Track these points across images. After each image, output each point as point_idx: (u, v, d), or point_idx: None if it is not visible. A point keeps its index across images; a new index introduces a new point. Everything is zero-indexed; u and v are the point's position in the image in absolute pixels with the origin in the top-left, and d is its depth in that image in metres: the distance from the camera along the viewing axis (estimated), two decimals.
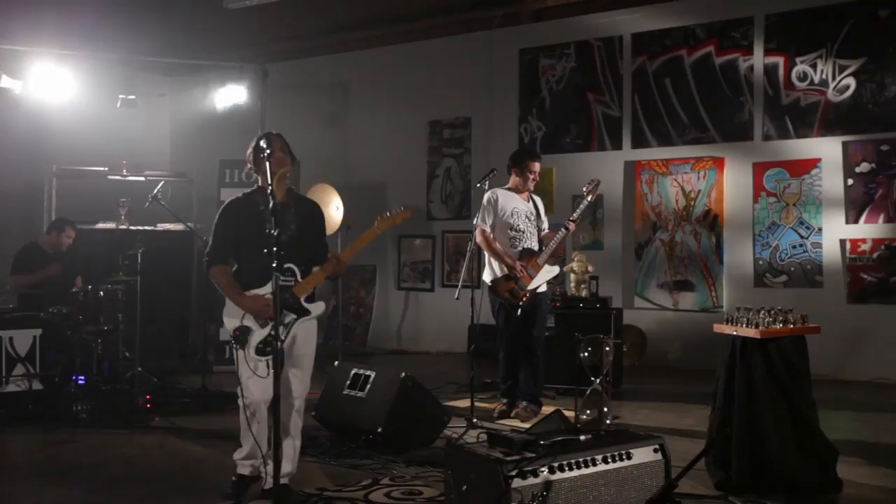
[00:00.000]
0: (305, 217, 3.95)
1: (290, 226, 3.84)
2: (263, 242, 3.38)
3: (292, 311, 3.77)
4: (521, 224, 5.86)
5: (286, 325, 3.74)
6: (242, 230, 3.82)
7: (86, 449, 4.84)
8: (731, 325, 4.01)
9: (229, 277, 3.81)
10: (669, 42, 8.40)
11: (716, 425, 4.03)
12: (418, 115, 9.84)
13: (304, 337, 3.87)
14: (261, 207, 3.74)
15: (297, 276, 3.80)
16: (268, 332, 3.66)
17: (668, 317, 8.37)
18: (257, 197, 3.84)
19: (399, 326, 10.10)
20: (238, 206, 3.91)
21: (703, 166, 8.23)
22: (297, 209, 3.94)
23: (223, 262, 3.85)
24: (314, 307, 3.88)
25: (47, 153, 8.29)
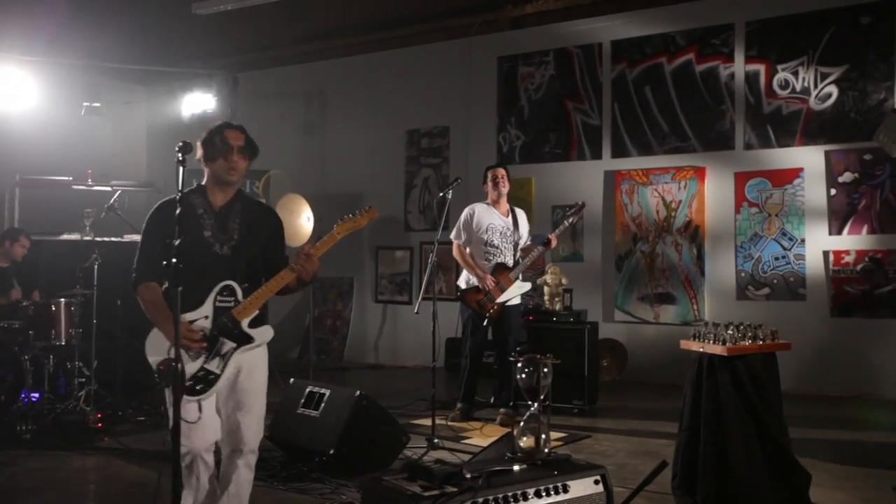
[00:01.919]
0: (252, 224, 3.27)
1: (233, 235, 3.20)
2: (201, 254, 3.01)
3: (231, 339, 3.12)
4: (497, 240, 6.05)
5: (223, 357, 3.10)
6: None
7: (22, 472, 4.59)
8: (698, 342, 3.80)
9: (157, 298, 3.14)
10: (649, 49, 8.23)
11: (682, 447, 3.81)
12: (396, 125, 9.64)
13: (249, 369, 3.18)
14: (199, 211, 3.17)
15: (237, 296, 3.15)
16: (200, 366, 3.07)
17: (649, 330, 8.15)
18: (197, 198, 3.20)
19: (377, 340, 9.87)
20: (169, 209, 3.14)
21: (683, 176, 8.03)
22: (244, 215, 3.26)
23: (153, 278, 3.18)
24: (259, 333, 3.16)
25: (9, 162, 8.05)
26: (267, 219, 3.37)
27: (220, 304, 3.10)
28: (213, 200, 3.20)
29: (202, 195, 3.21)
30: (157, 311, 3.09)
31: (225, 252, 3.15)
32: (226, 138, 3.15)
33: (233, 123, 3.27)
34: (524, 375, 2.72)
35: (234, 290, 3.13)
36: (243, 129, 3.26)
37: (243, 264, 3.18)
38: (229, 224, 3.18)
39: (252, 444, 3.18)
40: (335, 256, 9.74)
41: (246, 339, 3.13)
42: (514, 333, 5.96)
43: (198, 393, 3.03)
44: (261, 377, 3.24)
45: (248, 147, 3.22)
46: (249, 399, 3.17)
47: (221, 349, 3.09)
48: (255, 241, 3.23)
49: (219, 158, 3.13)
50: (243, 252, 3.19)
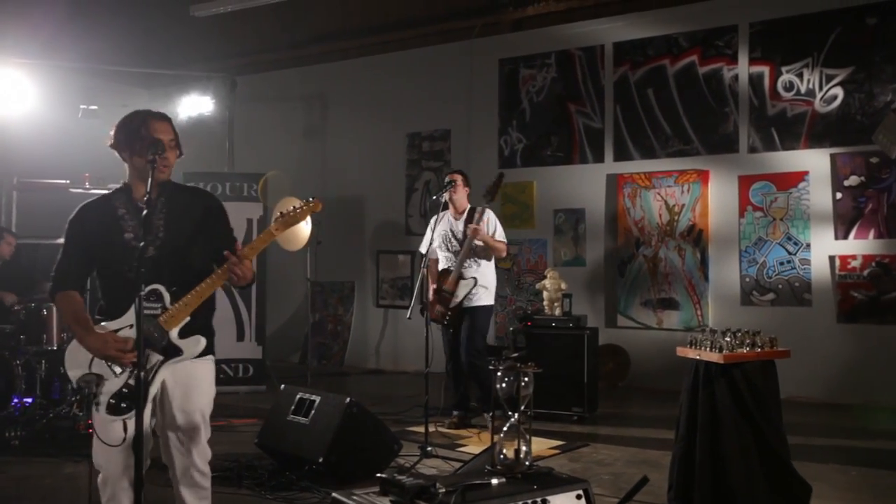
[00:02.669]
0: (181, 216, 2.93)
1: (158, 232, 2.88)
2: (124, 259, 2.74)
3: (158, 351, 2.80)
4: (449, 246, 6.05)
5: (149, 371, 2.78)
6: (96, 243, 2.89)
7: (9, 480, 4.52)
8: (694, 349, 3.69)
9: (77, 307, 2.87)
10: (652, 51, 8.12)
11: (677, 458, 3.70)
12: (397, 128, 9.56)
13: (186, 389, 2.88)
14: (120, 212, 2.88)
15: (164, 302, 2.81)
16: (124, 381, 2.76)
17: (653, 336, 8.03)
18: (118, 198, 2.92)
19: (378, 345, 9.78)
20: (91, 212, 2.94)
21: (687, 179, 7.92)
22: (171, 207, 2.92)
23: (72, 286, 2.91)
24: (188, 344, 2.84)
25: (6, 165, 8.01)
26: (197, 205, 3.00)
27: (147, 311, 2.75)
28: (136, 197, 2.90)
29: (126, 193, 2.92)
30: (76, 322, 2.84)
31: (150, 253, 2.82)
32: (153, 131, 2.84)
33: (157, 112, 2.96)
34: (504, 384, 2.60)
35: (161, 294, 2.82)
36: (170, 121, 2.96)
37: (172, 265, 2.87)
38: (153, 221, 2.86)
39: (200, 466, 2.94)
40: (336, 260, 9.80)
41: (174, 350, 2.83)
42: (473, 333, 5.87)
43: (123, 411, 2.74)
44: (204, 397, 2.96)
45: (177, 141, 2.95)
46: (194, 418, 2.91)
47: (147, 362, 2.78)
48: (186, 236, 2.92)
49: (147, 154, 2.77)
50: (171, 251, 2.88)
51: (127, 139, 2.87)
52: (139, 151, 2.83)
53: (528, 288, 8.60)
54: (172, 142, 2.91)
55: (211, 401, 3.02)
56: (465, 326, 5.89)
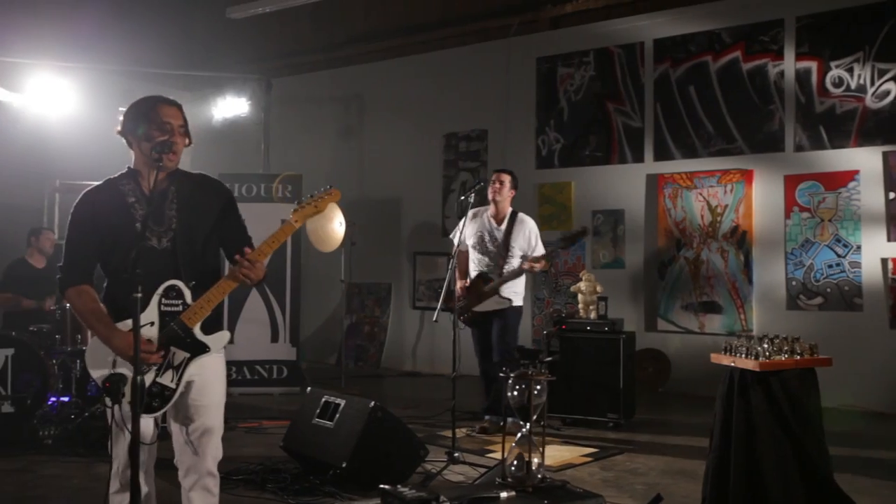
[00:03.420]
0: (193, 206, 2.80)
1: (171, 224, 2.75)
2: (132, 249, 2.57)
3: (184, 349, 2.72)
4: (483, 248, 5.86)
5: (177, 369, 2.71)
6: (104, 233, 2.73)
7: (37, 479, 4.55)
8: (729, 355, 3.51)
9: (94, 303, 2.71)
10: (693, 48, 7.89)
11: (711, 470, 3.53)
12: (433, 128, 9.49)
13: (201, 383, 2.80)
14: (130, 199, 2.73)
15: (185, 298, 2.71)
16: (153, 380, 2.70)
17: (694, 340, 7.79)
18: (126, 184, 2.75)
19: (414, 347, 9.71)
20: (97, 199, 2.76)
21: (730, 179, 7.67)
22: (182, 197, 2.79)
23: (84, 279, 2.74)
24: (214, 339, 2.76)
25: (48, 168, 8.16)
26: (209, 194, 2.87)
27: (166, 309, 2.69)
28: (145, 185, 2.76)
29: (133, 179, 2.75)
30: (96, 320, 2.69)
31: (164, 245, 2.72)
32: (162, 116, 2.74)
33: (166, 98, 2.83)
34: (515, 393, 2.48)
35: (181, 290, 2.71)
36: (181, 107, 2.84)
37: (187, 258, 2.74)
38: (165, 212, 2.75)
39: (209, 467, 2.84)
40: (373, 262, 9.76)
41: (200, 347, 2.73)
42: (504, 335, 5.70)
43: (154, 410, 2.68)
44: (216, 393, 2.87)
45: (186, 127, 2.82)
46: (203, 417, 2.82)
47: (174, 360, 2.71)
48: (200, 226, 2.79)
49: (155, 139, 2.69)
50: (185, 243, 2.75)
51: (135, 124, 2.76)
52: (147, 136, 2.72)
53: (565, 290, 8.44)
54: (182, 128, 2.79)
55: (224, 395, 2.94)
56: (497, 328, 5.76)
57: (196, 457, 2.82)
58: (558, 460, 5.01)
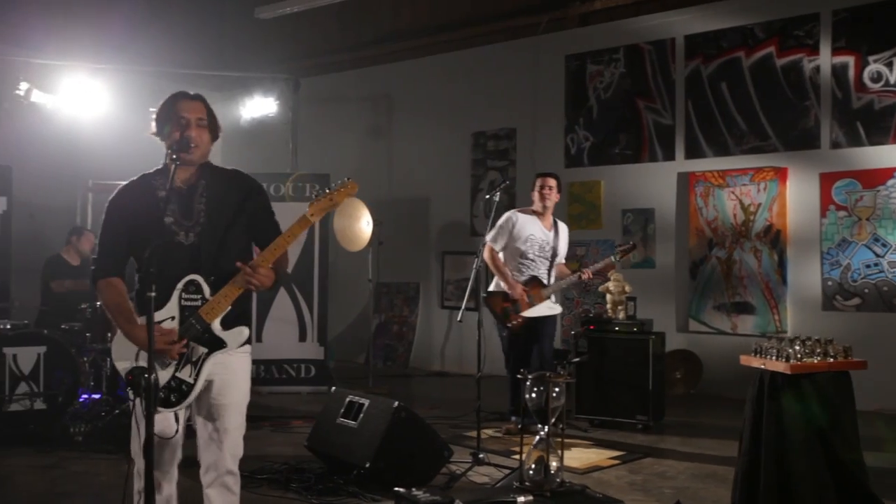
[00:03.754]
0: (222, 201, 2.81)
1: (199, 218, 2.77)
2: (167, 243, 2.65)
3: (202, 344, 2.73)
4: (533, 253, 5.79)
5: (195, 364, 2.71)
6: (134, 226, 2.75)
7: (67, 476, 4.60)
8: (759, 358, 3.42)
9: (120, 297, 2.75)
10: (726, 43, 7.74)
11: (741, 474, 3.44)
12: (461, 127, 9.44)
13: (223, 382, 2.80)
14: (160, 194, 2.74)
15: (203, 293, 2.73)
16: (172, 374, 2.72)
17: (726, 342, 7.64)
18: (158, 180, 2.78)
19: (443, 347, 9.68)
20: (130, 194, 2.81)
21: (763, 177, 7.51)
22: (211, 192, 2.81)
23: (115, 272, 2.78)
24: (231, 335, 2.76)
25: (82, 168, 8.27)
26: (238, 189, 2.86)
27: (186, 303, 2.71)
28: (176, 179, 2.78)
29: (164, 175, 2.76)
30: (118, 314, 2.73)
31: (190, 240, 2.75)
32: (179, 110, 2.78)
33: (190, 93, 2.87)
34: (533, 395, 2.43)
35: (200, 285, 2.73)
36: (203, 100, 2.86)
37: (211, 254, 2.76)
38: (194, 206, 2.77)
39: (229, 465, 2.83)
40: (401, 262, 9.75)
41: (217, 343, 2.73)
42: (547, 342, 5.70)
43: (173, 404, 2.70)
44: (238, 392, 2.86)
45: (209, 119, 2.83)
46: (225, 415, 2.81)
47: (192, 355, 2.71)
48: (227, 222, 2.79)
49: (173, 133, 2.74)
50: (211, 239, 2.77)
51: (160, 123, 2.81)
52: (167, 134, 2.77)
53: (594, 290, 8.33)
54: (202, 121, 2.81)
55: (247, 394, 2.92)
56: (542, 335, 5.72)
57: (217, 455, 2.81)
58: (585, 462, 4.95)
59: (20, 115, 7.55)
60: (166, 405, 2.71)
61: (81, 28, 7.89)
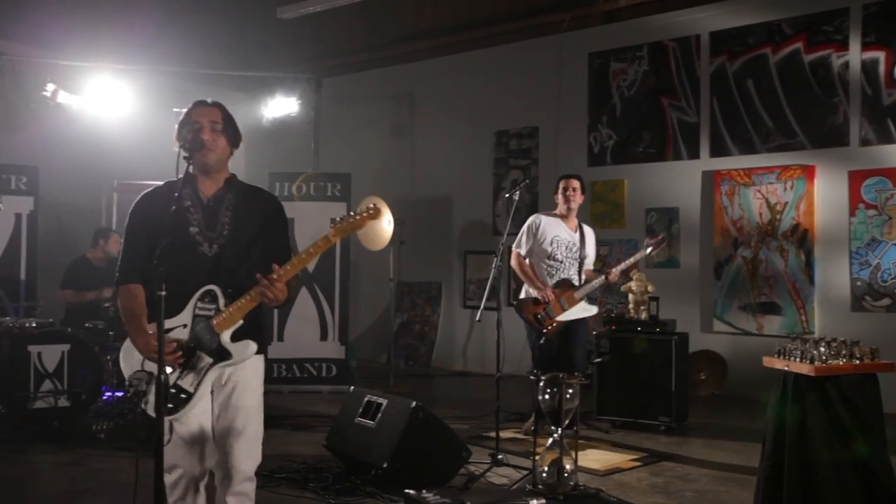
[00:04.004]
0: (244, 217, 2.86)
1: (222, 230, 2.82)
2: (185, 254, 2.67)
3: (206, 353, 2.74)
4: (561, 254, 5.68)
5: (198, 372, 2.72)
6: (159, 234, 2.68)
7: (88, 473, 4.64)
8: (782, 359, 3.35)
9: (134, 304, 2.77)
10: (752, 40, 7.62)
11: (763, 480, 3.37)
12: (484, 126, 9.41)
13: (242, 385, 2.83)
14: (186, 203, 2.79)
15: (219, 303, 2.75)
16: (172, 382, 2.73)
17: (752, 342, 7.52)
18: (185, 188, 2.77)
19: (464, 346, 9.65)
20: (154, 199, 2.83)
21: (790, 175, 7.38)
22: (236, 206, 2.85)
23: (137, 279, 2.80)
24: (237, 348, 2.76)
25: (107, 168, 8.35)
26: (259, 207, 2.91)
27: (200, 312, 2.74)
28: (202, 190, 2.83)
29: (190, 185, 2.79)
30: (129, 320, 2.75)
31: (213, 252, 2.79)
32: (193, 116, 2.80)
33: (208, 101, 2.89)
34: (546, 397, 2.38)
35: (216, 296, 2.75)
36: (221, 107, 2.87)
37: (230, 266, 2.79)
38: (219, 219, 2.81)
39: (246, 470, 2.82)
40: (423, 261, 9.74)
41: (223, 354, 2.74)
42: (581, 348, 5.55)
43: (170, 412, 2.67)
44: (254, 395, 2.87)
45: (226, 125, 2.83)
46: (241, 418, 2.81)
47: (197, 364, 2.72)
48: (249, 238, 2.83)
49: (186, 135, 2.74)
50: (232, 252, 2.80)
51: (179, 131, 2.82)
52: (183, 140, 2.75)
53: (617, 290, 8.24)
54: (216, 124, 2.82)
55: (260, 400, 2.91)
56: (575, 339, 5.54)
57: (232, 461, 2.81)
58: (606, 464, 4.88)
59: (46, 116, 7.64)
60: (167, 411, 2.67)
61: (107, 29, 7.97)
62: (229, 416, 2.82)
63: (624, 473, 4.73)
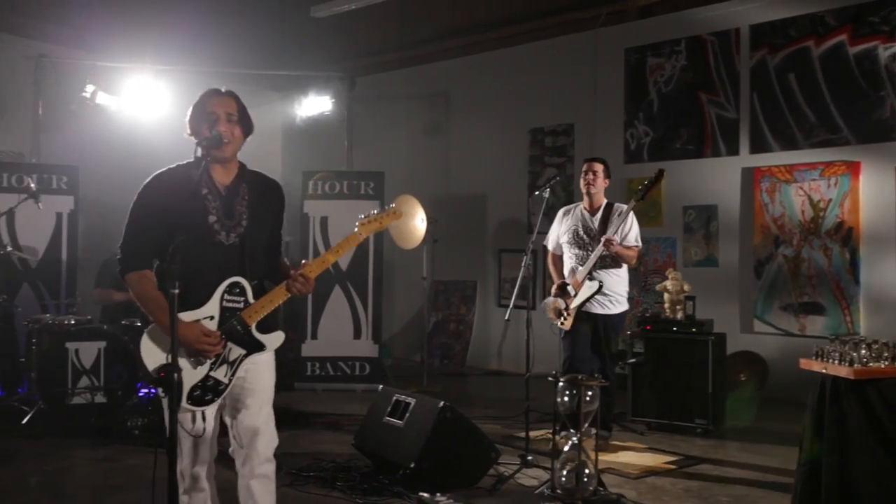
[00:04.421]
0: (262, 205, 2.83)
1: (241, 220, 2.76)
2: (204, 244, 2.63)
3: (240, 345, 2.74)
4: (578, 241, 5.49)
5: (231, 364, 2.73)
6: (174, 220, 2.64)
7: (121, 468, 4.70)
8: (820, 361, 3.23)
9: (154, 291, 2.67)
10: (794, 32, 7.42)
11: (800, 485, 3.25)
12: (519, 123, 9.32)
13: (253, 369, 2.81)
14: (203, 191, 2.72)
15: (247, 296, 2.74)
16: (205, 373, 2.71)
17: (794, 343, 7.32)
18: (196, 174, 2.68)
19: (500, 345, 9.58)
20: (169, 182, 2.74)
21: (834, 172, 7.17)
22: (252, 195, 2.81)
23: (147, 264, 2.71)
24: (270, 339, 2.80)
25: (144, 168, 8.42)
26: (270, 196, 2.89)
27: (228, 304, 2.71)
28: (218, 179, 2.78)
29: (206, 171, 2.72)
30: (157, 309, 2.65)
31: (232, 241, 2.74)
32: (208, 107, 2.78)
33: (218, 89, 2.87)
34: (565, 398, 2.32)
35: (244, 288, 2.74)
36: (235, 97, 2.84)
37: (249, 256, 2.76)
38: (236, 208, 2.76)
39: (265, 452, 2.82)
40: (458, 260, 9.70)
41: (257, 345, 2.77)
42: (610, 344, 5.38)
43: (205, 403, 2.71)
44: (266, 376, 2.87)
45: (241, 116, 2.81)
46: (256, 401, 2.80)
47: (229, 356, 2.73)
48: (266, 226, 2.84)
49: (203, 129, 2.73)
50: (252, 242, 2.77)
51: (192, 121, 2.82)
52: (198, 132, 2.77)
53: (654, 289, 8.12)
54: (232, 116, 2.78)
55: (272, 387, 2.92)
56: (603, 336, 5.35)
57: (251, 445, 2.80)
58: (639, 467, 4.79)
59: (86, 117, 7.78)
60: (200, 403, 2.73)
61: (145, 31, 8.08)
62: (245, 401, 2.81)
63: (658, 476, 4.63)
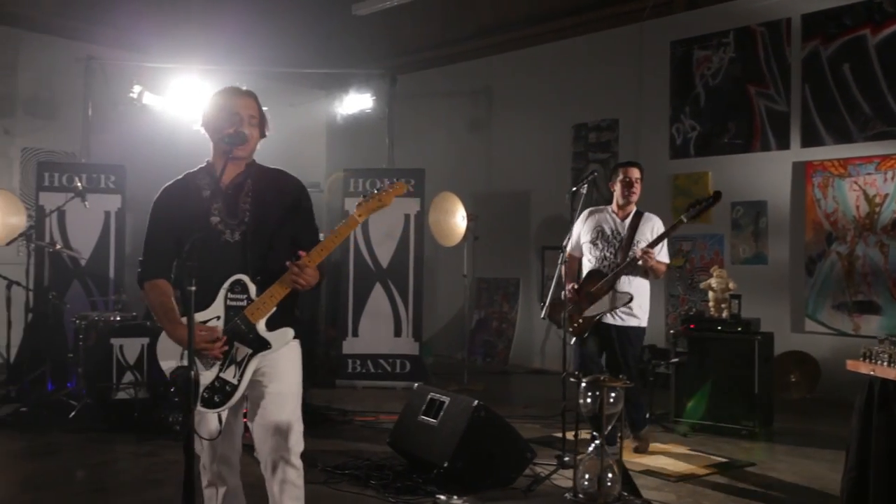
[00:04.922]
0: (266, 201, 2.78)
1: (244, 217, 2.74)
2: (209, 244, 2.60)
3: (246, 344, 2.70)
4: (603, 240, 5.08)
5: (239, 364, 2.70)
6: (181, 230, 2.68)
7: (161, 463, 4.75)
8: (868, 363, 3.08)
9: (164, 298, 2.74)
10: (849, 21, 7.15)
11: (847, 493, 3.11)
12: (562, 119, 9.20)
13: (272, 371, 2.77)
14: (205, 193, 2.73)
15: (249, 293, 2.72)
16: (216, 375, 2.71)
17: (848, 344, 7.06)
18: (203, 178, 2.77)
19: (543, 344, 9.48)
20: (175, 193, 2.80)
21: (891, 166, 6.89)
22: (256, 190, 2.78)
23: (161, 274, 2.78)
24: (276, 336, 2.74)
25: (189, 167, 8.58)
26: (281, 190, 2.82)
27: (231, 303, 2.69)
28: (221, 178, 2.76)
29: (209, 174, 2.77)
30: (162, 314, 2.72)
31: (235, 239, 2.73)
32: (231, 107, 2.76)
33: (239, 88, 2.85)
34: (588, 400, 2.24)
35: (246, 285, 2.71)
36: (255, 98, 2.83)
37: (256, 253, 2.72)
38: (239, 205, 2.74)
39: (289, 457, 2.76)
40: (501, 257, 9.62)
41: (262, 344, 2.71)
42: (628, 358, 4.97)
43: (216, 405, 2.69)
44: (289, 379, 2.81)
45: (261, 118, 2.80)
46: (277, 405, 2.75)
47: (237, 356, 2.69)
48: (272, 221, 2.76)
49: (226, 127, 2.70)
50: (256, 238, 2.73)
51: (209, 117, 2.80)
52: (217, 128, 2.75)
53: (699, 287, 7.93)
54: (253, 118, 2.79)
55: (298, 385, 2.87)
56: (622, 348, 4.96)
57: (272, 448, 2.76)
58: (680, 470, 4.66)
59: (133, 117, 7.92)
60: (210, 406, 2.71)
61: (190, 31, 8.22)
62: (264, 405, 2.77)
63: (700, 480, 4.50)
